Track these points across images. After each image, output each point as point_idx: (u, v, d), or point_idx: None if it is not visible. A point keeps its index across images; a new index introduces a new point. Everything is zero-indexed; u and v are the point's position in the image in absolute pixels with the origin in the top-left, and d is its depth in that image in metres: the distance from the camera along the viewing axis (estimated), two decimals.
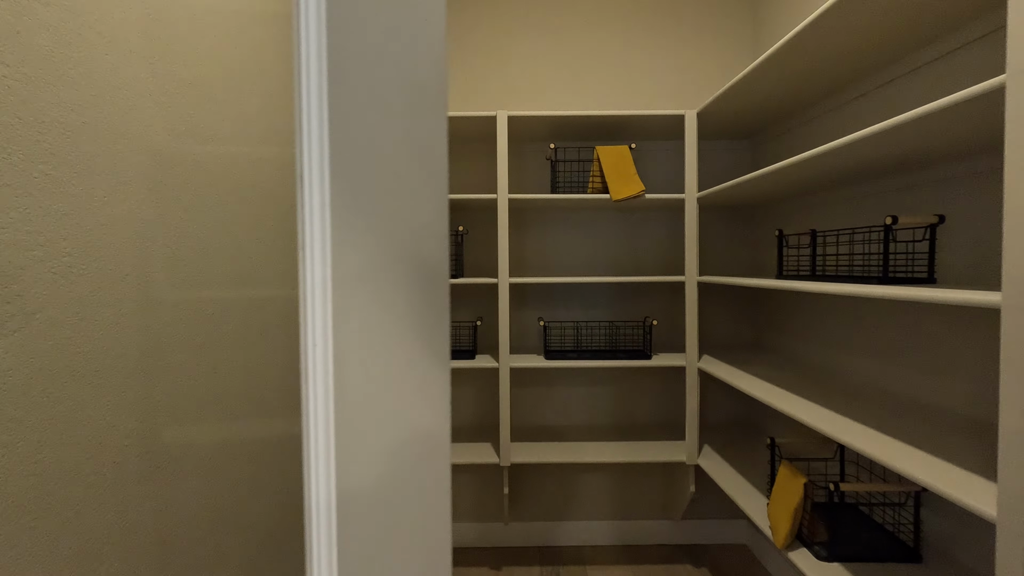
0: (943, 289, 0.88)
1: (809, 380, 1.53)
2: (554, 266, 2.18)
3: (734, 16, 2.15)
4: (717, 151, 2.17)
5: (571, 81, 2.17)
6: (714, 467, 1.75)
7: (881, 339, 1.40)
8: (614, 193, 1.78)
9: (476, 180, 2.16)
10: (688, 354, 1.82)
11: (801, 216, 1.79)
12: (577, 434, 2.10)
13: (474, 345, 2.00)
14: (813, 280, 1.34)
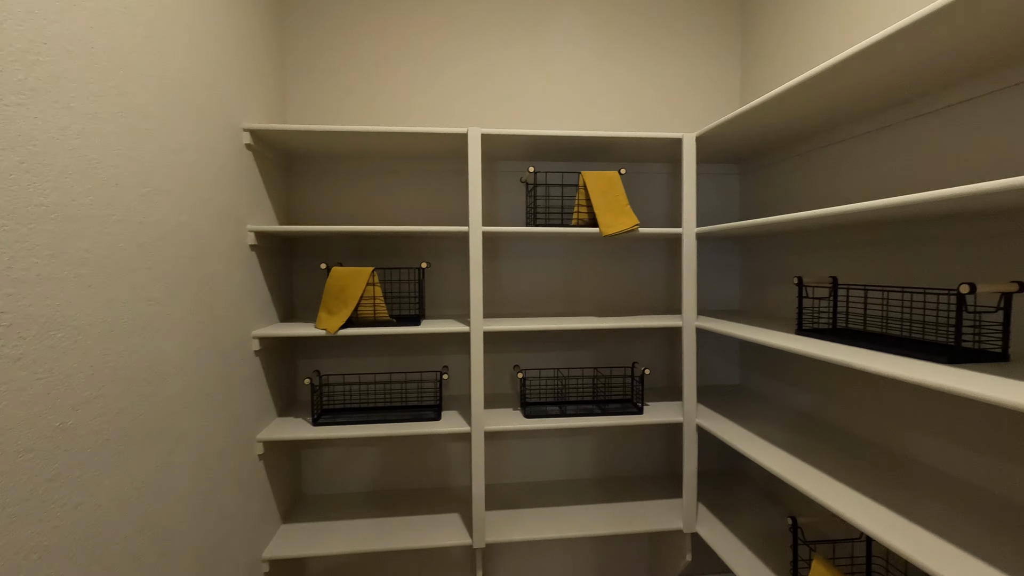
0: None
1: (823, 442, 1.35)
2: (531, 301, 1.92)
3: (721, 33, 1.97)
4: (702, 175, 1.98)
5: (549, 98, 1.92)
6: (716, 538, 1.55)
7: (909, 402, 1.23)
8: (604, 227, 1.54)
9: (443, 204, 1.86)
10: (686, 408, 1.61)
11: (802, 253, 1.63)
12: (557, 492, 1.85)
13: (439, 400, 1.70)
14: (839, 339, 1.16)
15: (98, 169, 0.84)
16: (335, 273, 1.52)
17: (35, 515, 0.70)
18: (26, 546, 0.68)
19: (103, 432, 0.84)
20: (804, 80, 1.10)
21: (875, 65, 1.00)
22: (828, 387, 1.52)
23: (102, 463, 0.83)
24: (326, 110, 1.82)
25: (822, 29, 1.53)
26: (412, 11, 1.84)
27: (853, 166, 1.40)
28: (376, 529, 1.61)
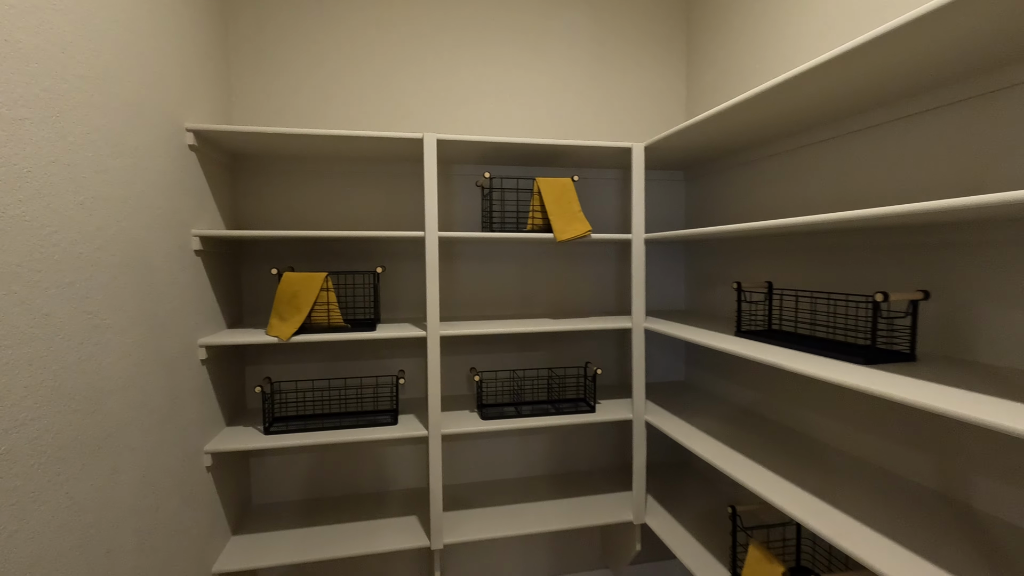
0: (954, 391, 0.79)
1: (758, 434, 1.46)
2: (487, 304, 1.94)
3: (668, 47, 2.06)
4: (650, 181, 2.07)
5: (505, 103, 1.94)
6: (664, 527, 1.64)
7: (827, 395, 1.36)
8: (559, 233, 1.58)
9: (398, 206, 1.85)
10: (635, 405, 1.69)
11: (745, 258, 1.73)
12: (512, 490, 1.89)
13: (396, 405, 1.70)
14: (774, 340, 1.25)
15: (29, 178, 0.79)
16: (287, 279, 1.49)
17: None
18: None
19: (39, 455, 0.80)
20: (741, 100, 1.18)
21: (802, 90, 1.09)
22: (765, 384, 1.64)
23: (38, 487, 0.79)
24: (275, 109, 1.77)
25: (760, 47, 1.63)
26: (365, 11, 1.81)
27: (790, 177, 1.51)
28: (331, 535, 1.59)
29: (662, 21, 2.05)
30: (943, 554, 0.87)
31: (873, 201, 1.24)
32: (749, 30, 1.68)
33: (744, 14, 1.69)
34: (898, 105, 1.15)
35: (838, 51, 0.90)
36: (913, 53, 0.89)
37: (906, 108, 1.13)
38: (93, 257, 0.94)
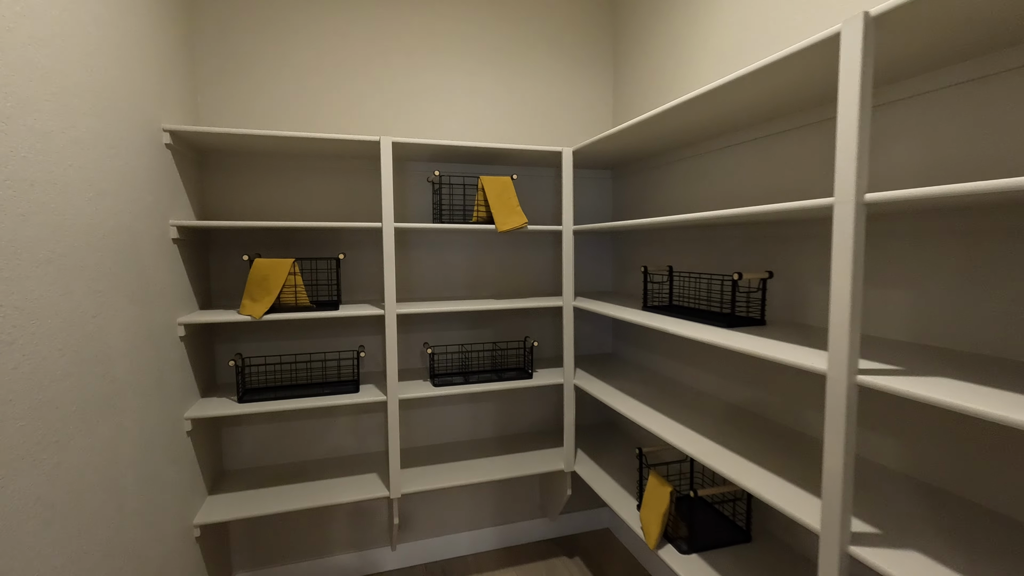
0: (780, 344, 1.11)
1: (668, 393, 1.79)
2: (438, 287, 2.18)
3: (597, 59, 2.34)
4: (582, 179, 2.37)
5: (452, 106, 2.16)
6: (589, 473, 1.96)
7: (716, 357, 1.70)
8: (500, 224, 1.84)
9: (355, 198, 2.05)
10: (565, 372, 1.99)
11: (657, 245, 2.06)
12: (462, 450, 2.15)
13: (357, 376, 1.91)
14: (671, 313, 1.57)
15: (55, 180, 0.96)
16: (258, 264, 1.67)
17: (28, 470, 0.85)
18: (25, 495, 0.84)
19: (72, 405, 0.98)
20: (648, 117, 1.46)
21: (696, 110, 1.38)
22: (670, 350, 1.97)
23: (73, 430, 0.98)
24: (240, 109, 1.92)
25: (675, 66, 1.94)
26: (322, 21, 1.98)
27: (691, 178, 1.83)
28: (300, 492, 1.81)
29: (594, 41, 2.33)
30: (783, 465, 1.21)
31: (747, 200, 1.57)
32: (666, 51, 1.98)
33: (662, 36, 1.99)
34: (762, 127, 1.48)
35: (715, 84, 1.20)
36: (764, 91, 1.20)
37: (768, 129, 1.46)
38: (99, 244, 1.11)
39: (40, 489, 0.88)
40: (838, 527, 0.90)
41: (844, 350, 0.86)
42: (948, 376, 0.84)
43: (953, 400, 0.72)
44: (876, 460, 1.19)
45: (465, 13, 2.15)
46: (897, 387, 0.79)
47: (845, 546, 0.90)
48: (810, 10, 1.33)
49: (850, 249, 0.84)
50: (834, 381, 0.88)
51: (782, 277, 1.44)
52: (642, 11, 2.10)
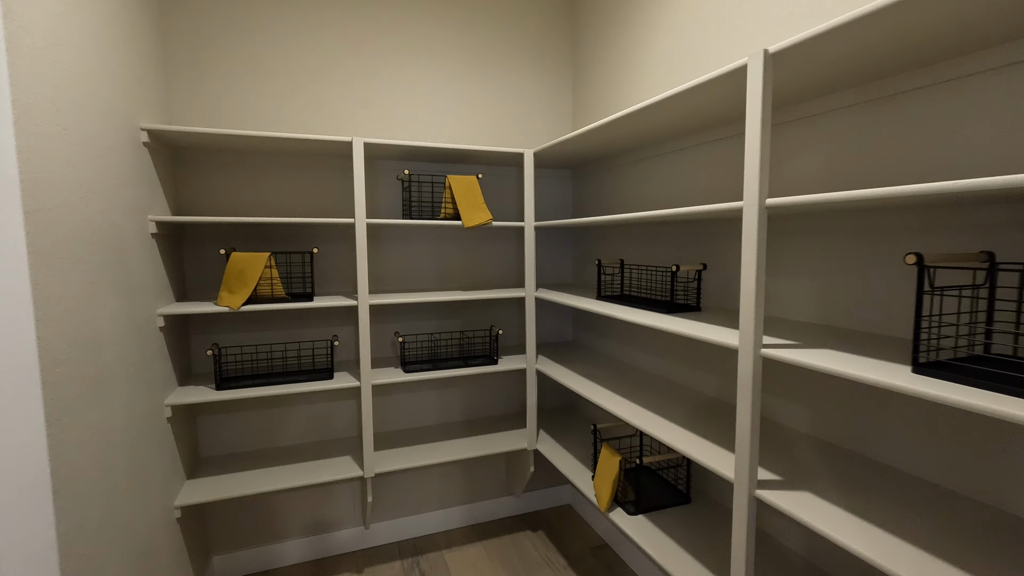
0: (703, 324, 1.30)
1: (619, 374, 1.97)
2: (408, 279, 2.30)
3: (558, 66, 2.50)
4: (545, 177, 2.52)
5: (420, 109, 2.27)
6: (550, 450, 2.12)
7: (663, 342, 1.89)
8: (466, 220, 1.97)
9: (327, 194, 2.14)
10: (528, 357, 2.15)
11: (613, 240, 2.24)
12: (432, 433, 2.28)
13: (331, 364, 2.02)
14: (621, 302, 1.75)
15: (57, 179, 1.05)
16: (235, 257, 1.75)
17: (40, 443, 0.94)
18: (39, 466, 0.93)
19: (72, 386, 1.07)
20: (600, 124, 1.61)
21: (642, 119, 1.55)
22: (620, 335, 2.16)
23: (74, 411, 1.07)
24: (212, 106, 1.98)
25: (628, 73, 2.11)
26: (291, 20, 2.06)
27: (641, 179, 2.01)
28: (275, 475, 1.90)
29: (555, 47, 2.48)
30: (713, 431, 1.40)
31: (689, 199, 1.75)
32: (619, 59, 2.15)
33: (616, 46, 2.16)
34: (699, 135, 1.66)
35: (649, 102, 1.36)
36: (693, 106, 1.38)
37: (705, 137, 1.65)
38: (91, 239, 1.19)
39: (51, 462, 0.97)
40: (747, 475, 1.08)
41: (751, 329, 1.04)
42: (832, 348, 1.03)
43: (825, 364, 0.90)
44: (784, 423, 1.40)
45: (432, 18, 2.26)
46: (787, 357, 0.98)
47: (753, 490, 1.08)
48: (734, 36, 1.51)
49: (755, 245, 1.02)
50: (743, 354, 1.06)
51: (715, 268, 1.63)
52: (598, 22, 2.26)
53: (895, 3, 0.77)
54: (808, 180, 1.32)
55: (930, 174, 1.06)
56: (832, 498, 1.03)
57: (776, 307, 1.43)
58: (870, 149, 1.17)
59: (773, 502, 1.03)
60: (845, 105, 1.21)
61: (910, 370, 0.86)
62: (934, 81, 1.04)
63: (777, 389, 1.42)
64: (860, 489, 1.06)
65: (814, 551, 1.32)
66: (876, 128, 1.16)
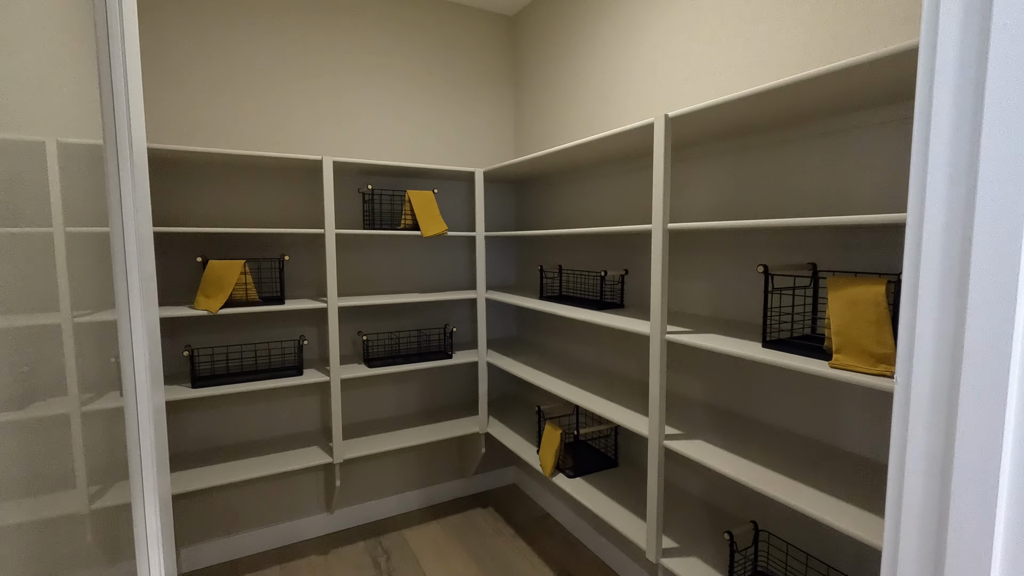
0: (624, 318, 1.65)
1: (558, 363, 2.30)
2: (370, 282, 2.51)
3: (503, 96, 2.80)
4: (492, 192, 2.82)
5: (381, 128, 2.49)
6: (499, 432, 2.42)
7: (594, 334, 2.24)
8: (424, 231, 2.22)
9: (295, 204, 2.31)
10: (480, 351, 2.43)
11: (552, 247, 2.57)
12: (393, 423, 2.51)
13: (300, 362, 2.20)
14: (560, 302, 2.08)
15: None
16: (212, 265, 1.90)
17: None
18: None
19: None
20: (538, 156, 1.94)
21: (571, 152, 1.88)
22: (560, 330, 2.50)
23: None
24: (188, 124, 2.10)
25: (563, 101, 2.45)
26: (257, 42, 2.22)
27: (579, 196, 2.35)
28: (248, 466, 2.06)
29: (500, 77, 2.78)
30: (634, 404, 1.75)
31: (615, 215, 2.11)
32: (554, 92, 2.48)
33: (551, 81, 2.50)
34: (620, 164, 2.03)
35: (577, 143, 1.70)
36: (613, 147, 1.72)
37: (625, 166, 2.01)
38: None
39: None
40: (658, 431, 1.43)
41: (658, 320, 1.39)
42: (715, 333, 1.40)
43: (707, 344, 1.26)
44: (687, 395, 1.78)
45: (393, 46, 2.49)
46: (683, 340, 1.33)
47: (661, 442, 1.44)
48: (647, 84, 1.89)
49: (660, 258, 1.38)
50: (653, 339, 1.42)
51: (635, 273, 2.00)
52: (535, 57, 2.59)
53: (756, 93, 1.14)
54: (701, 204, 1.71)
55: (781, 204, 1.47)
56: (717, 443, 1.40)
57: (681, 303, 1.81)
58: (744, 181, 1.57)
59: (676, 449, 1.39)
60: (727, 151, 1.60)
61: (760, 346, 1.24)
62: (782, 139, 1.45)
63: (681, 368, 1.80)
64: (738, 437, 1.45)
65: (708, 489, 1.71)
66: (747, 167, 1.56)
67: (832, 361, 1.05)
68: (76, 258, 1.00)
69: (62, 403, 0.93)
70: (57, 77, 1.00)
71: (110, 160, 1.08)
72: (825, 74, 1.00)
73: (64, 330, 0.99)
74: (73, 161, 1.05)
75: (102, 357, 1.25)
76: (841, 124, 1.30)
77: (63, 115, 1.05)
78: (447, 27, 2.63)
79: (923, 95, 0.47)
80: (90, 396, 1.06)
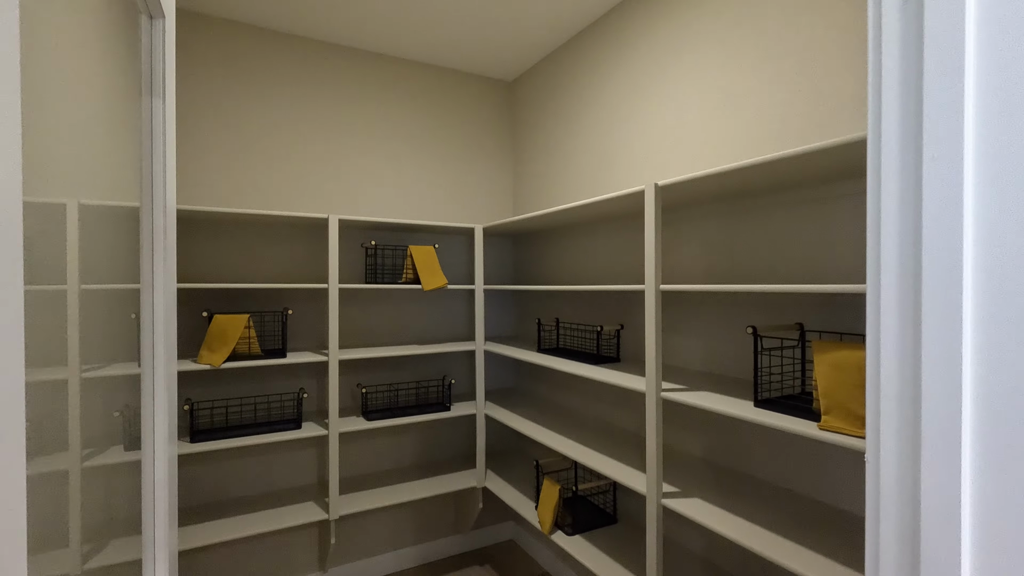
0: (621, 373, 1.68)
1: (556, 415, 2.31)
2: (370, 334, 2.54)
3: (502, 158, 2.95)
4: (491, 244, 2.91)
5: (385, 187, 2.61)
6: (497, 486, 2.40)
7: (591, 387, 2.27)
8: (425, 285, 2.29)
9: (299, 258, 2.38)
10: (478, 404, 2.44)
11: (550, 300, 2.63)
12: (391, 477, 2.48)
13: (299, 415, 2.20)
14: (557, 354, 2.12)
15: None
16: (217, 319, 1.95)
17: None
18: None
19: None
20: (535, 215, 2.03)
21: (571, 212, 1.97)
22: (557, 382, 2.52)
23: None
24: (205, 184, 2.20)
25: (560, 163, 2.57)
26: (277, 112, 2.35)
27: (577, 251, 2.43)
28: (241, 523, 2.03)
29: (499, 138, 2.93)
30: (633, 459, 1.76)
31: (611, 270, 2.19)
32: (549, 153, 2.61)
33: (547, 143, 2.63)
34: (617, 223, 2.12)
35: (571, 205, 1.79)
36: (608, 208, 1.82)
37: (621, 225, 2.10)
38: None
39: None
40: (655, 489, 1.44)
41: (653, 376, 1.43)
42: (709, 391, 1.44)
43: (703, 403, 1.30)
44: (684, 450, 1.79)
45: (395, 109, 2.63)
46: (678, 398, 1.37)
47: (659, 500, 1.44)
48: (638, 152, 2.01)
49: (654, 316, 1.43)
50: (649, 396, 1.45)
51: (631, 327, 2.05)
52: (532, 120, 2.74)
53: (735, 168, 1.23)
54: (694, 262, 1.78)
55: (771, 266, 1.54)
56: (715, 501, 1.41)
57: (675, 357, 1.85)
58: (734, 243, 1.65)
59: (674, 508, 1.40)
60: (717, 213, 1.69)
61: (752, 405, 1.27)
62: (769, 204, 1.53)
63: (677, 422, 1.82)
64: (734, 494, 1.46)
65: (708, 548, 1.70)
66: (737, 229, 1.64)
67: (821, 423, 1.08)
68: (90, 313, 1.05)
69: (64, 458, 0.95)
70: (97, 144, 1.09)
71: (145, 221, 1.15)
72: (791, 156, 1.09)
73: (71, 384, 1.02)
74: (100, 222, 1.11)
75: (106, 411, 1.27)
76: (822, 193, 1.39)
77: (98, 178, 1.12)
78: (449, 92, 2.79)
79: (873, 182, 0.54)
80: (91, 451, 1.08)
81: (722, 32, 1.69)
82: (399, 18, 2.28)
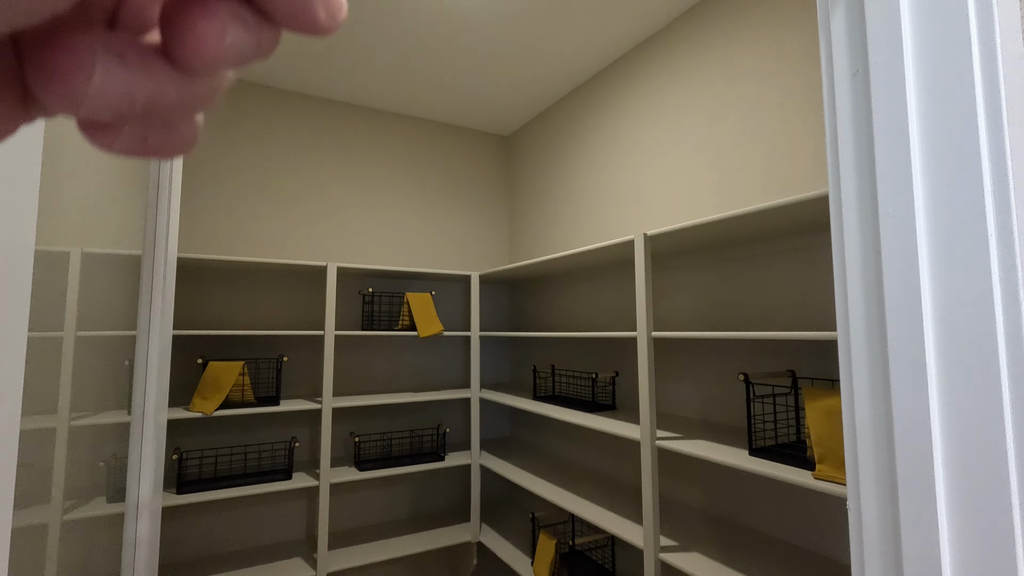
0: (616, 421, 1.67)
1: (552, 464, 2.27)
2: (365, 381, 2.53)
3: (498, 206, 3.03)
4: (487, 291, 2.94)
5: (382, 235, 2.67)
6: (492, 541, 2.32)
7: (587, 434, 2.24)
8: (421, 331, 2.30)
9: (295, 305, 2.40)
10: (473, 453, 2.40)
11: (545, 346, 2.64)
12: (382, 530, 2.40)
13: (290, 465, 2.16)
14: (553, 401, 2.10)
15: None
16: (212, 367, 1.94)
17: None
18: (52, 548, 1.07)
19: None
20: (535, 261, 2.07)
21: (561, 260, 2.02)
22: (553, 429, 2.49)
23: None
24: (206, 232, 2.25)
25: (553, 212, 2.64)
26: (275, 157, 2.44)
27: (570, 298, 2.46)
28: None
29: (495, 188, 3.03)
30: (631, 512, 1.72)
31: (606, 317, 2.20)
32: (543, 202, 2.69)
33: (540, 193, 2.72)
34: (609, 271, 2.16)
35: (563, 254, 1.83)
36: (598, 257, 1.86)
37: (613, 273, 2.14)
38: None
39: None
40: (653, 543, 1.40)
41: (648, 424, 1.43)
42: (704, 439, 1.43)
43: (699, 452, 1.29)
44: (681, 499, 1.75)
45: (393, 160, 2.73)
46: (673, 447, 1.36)
47: (657, 555, 1.40)
48: (630, 207, 2.07)
49: (646, 364, 1.44)
50: (644, 444, 1.44)
51: (625, 374, 2.05)
52: (527, 171, 2.84)
53: (718, 220, 1.27)
54: (686, 307, 1.80)
55: (761, 311, 1.56)
56: (713, 555, 1.37)
57: (670, 404, 1.84)
58: (725, 289, 1.68)
59: (672, 563, 1.36)
60: (708, 260, 1.73)
61: (747, 454, 1.26)
62: (758, 252, 1.58)
63: (673, 471, 1.79)
64: (733, 547, 1.41)
65: None
66: (727, 276, 1.67)
67: (816, 472, 1.07)
68: (84, 360, 1.05)
69: (44, 511, 0.92)
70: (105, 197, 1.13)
71: (146, 269, 1.18)
72: (764, 210, 1.13)
73: (59, 433, 1.01)
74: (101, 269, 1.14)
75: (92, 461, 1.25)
76: (806, 242, 1.43)
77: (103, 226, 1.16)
78: (447, 145, 2.91)
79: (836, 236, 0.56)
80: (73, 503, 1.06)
81: (704, 94, 1.79)
82: (400, 79, 2.41)
